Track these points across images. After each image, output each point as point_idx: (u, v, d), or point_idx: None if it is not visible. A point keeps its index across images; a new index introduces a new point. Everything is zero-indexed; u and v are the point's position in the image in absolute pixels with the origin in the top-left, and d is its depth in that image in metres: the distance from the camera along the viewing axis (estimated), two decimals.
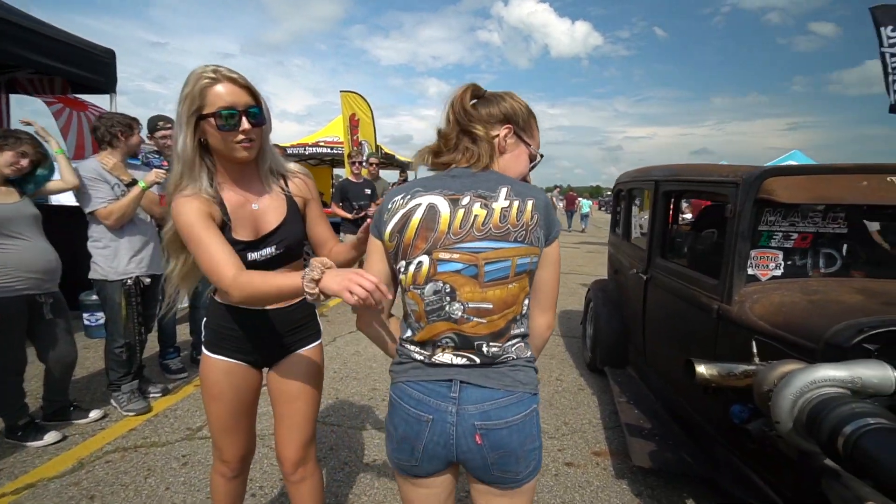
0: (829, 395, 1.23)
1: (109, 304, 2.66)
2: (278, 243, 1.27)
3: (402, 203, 1.02)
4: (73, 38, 3.73)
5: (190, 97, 1.10)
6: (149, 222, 2.81)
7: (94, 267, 2.62)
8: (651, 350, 2.77)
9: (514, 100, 1.09)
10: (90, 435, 2.52)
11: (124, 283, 2.62)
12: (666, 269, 2.51)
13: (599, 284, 3.86)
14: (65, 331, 2.50)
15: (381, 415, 2.90)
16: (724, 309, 1.87)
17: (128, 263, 2.64)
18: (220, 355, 1.32)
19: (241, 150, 1.15)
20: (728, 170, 1.95)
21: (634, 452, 2.24)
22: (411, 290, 1.01)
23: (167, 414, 2.80)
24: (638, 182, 3.23)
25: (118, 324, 2.65)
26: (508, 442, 0.99)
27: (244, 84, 1.14)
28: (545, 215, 1.00)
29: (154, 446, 2.45)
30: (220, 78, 1.10)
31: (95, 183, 2.54)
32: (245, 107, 1.12)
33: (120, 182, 2.61)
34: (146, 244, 2.75)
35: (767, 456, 1.64)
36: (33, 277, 2.30)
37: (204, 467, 2.27)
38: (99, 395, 3.00)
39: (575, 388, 3.44)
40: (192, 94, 1.09)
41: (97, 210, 2.54)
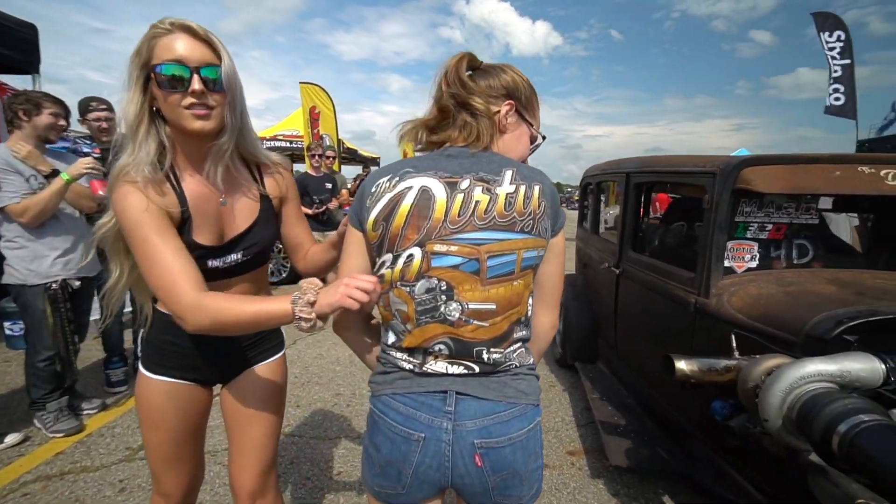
0: (819, 391, 1.18)
1: (31, 312, 2.30)
2: (246, 249, 1.06)
3: (388, 186, 0.86)
4: None
5: (138, 51, 0.89)
6: (77, 217, 2.45)
7: (10, 271, 2.25)
8: (623, 345, 2.74)
9: (516, 73, 0.95)
10: (5, 463, 2.19)
11: (48, 288, 2.28)
12: (639, 263, 2.47)
13: (568, 279, 3.82)
14: None
15: (345, 423, 2.72)
16: (702, 302, 1.83)
17: (51, 265, 2.29)
18: (163, 375, 1.10)
19: (191, 119, 0.89)
20: (703, 160, 1.92)
21: (611, 451, 2.18)
22: (398, 288, 0.86)
23: (103, 433, 2.50)
24: (607, 175, 3.20)
25: (43, 333, 2.30)
26: (512, 462, 0.86)
27: (205, 38, 0.90)
28: (552, 203, 0.88)
29: (85, 472, 2.16)
30: (174, 29, 0.88)
31: (4, 174, 2.15)
32: (199, 63, 0.88)
33: (37, 173, 2.24)
34: (75, 242, 2.40)
35: (750, 452, 1.61)
36: None
37: (145, 492, 2.03)
38: (20, 414, 2.64)
39: (545, 385, 3.38)
40: (141, 50, 0.88)
41: (8, 206, 2.16)
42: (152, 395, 1.10)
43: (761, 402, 1.24)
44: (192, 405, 1.14)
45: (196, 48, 0.89)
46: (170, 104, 0.89)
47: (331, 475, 2.22)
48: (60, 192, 2.24)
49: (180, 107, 0.89)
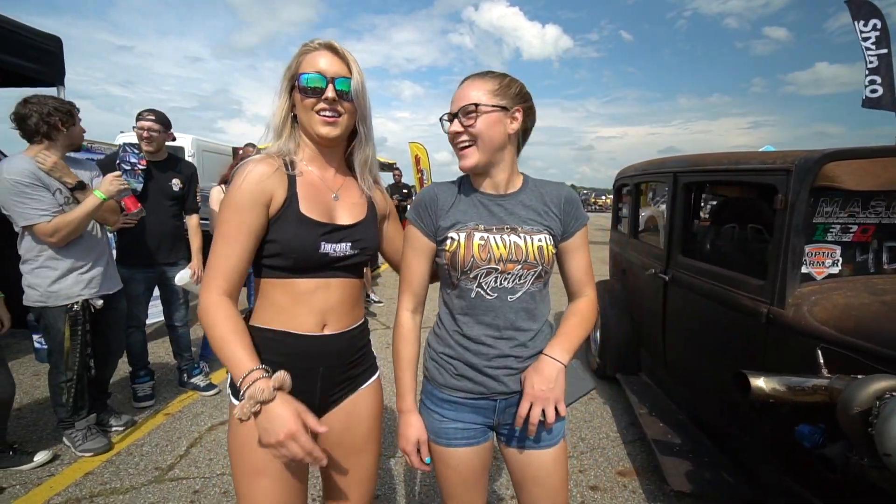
0: None
1: (52, 334, 2.19)
2: (355, 241, 1.05)
3: None
4: (11, 23, 3.27)
5: (288, 68, 1.03)
6: (99, 235, 2.33)
7: (30, 292, 2.13)
8: (673, 357, 2.56)
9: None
10: (35, 484, 2.12)
11: (69, 309, 2.16)
12: (691, 269, 2.30)
13: (605, 286, 3.65)
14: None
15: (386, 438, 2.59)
16: (776, 313, 1.66)
17: (74, 285, 2.17)
18: None
19: (321, 124, 0.99)
20: (773, 156, 1.75)
21: (670, 474, 2.01)
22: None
23: (131, 451, 2.42)
24: (648, 175, 3.03)
25: (61, 355, 2.20)
26: None
27: (343, 56, 1.02)
28: None
29: (115, 493, 2.08)
30: (320, 47, 1.01)
31: (33, 190, 2.01)
32: (335, 75, 0.99)
33: (63, 186, 2.13)
34: (97, 260, 2.28)
35: (846, 485, 1.42)
36: None
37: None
38: (50, 430, 2.59)
39: (585, 398, 3.21)
40: (290, 64, 1.02)
41: (38, 225, 2.02)
42: (251, 431, 0.90)
43: (880, 433, 1.07)
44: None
45: (335, 63, 1.00)
46: (305, 107, 1.00)
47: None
48: (94, 211, 2.12)
49: (313, 111, 0.99)
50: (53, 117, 2.08)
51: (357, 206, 1.09)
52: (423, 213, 1.09)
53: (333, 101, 0.98)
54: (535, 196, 1.10)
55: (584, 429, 2.78)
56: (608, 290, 3.54)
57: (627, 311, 3.25)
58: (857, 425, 1.19)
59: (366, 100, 1.05)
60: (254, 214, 0.95)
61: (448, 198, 1.09)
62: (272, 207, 0.97)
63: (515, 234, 1.05)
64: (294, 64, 1.01)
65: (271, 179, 0.97)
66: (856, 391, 1.20)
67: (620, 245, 3.59)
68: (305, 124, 1.02)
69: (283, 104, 1.03)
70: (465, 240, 1.04)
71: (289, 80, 1.02)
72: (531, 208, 1.08)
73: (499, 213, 1.07)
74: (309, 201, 1.01)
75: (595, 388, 1.10)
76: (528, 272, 1.04)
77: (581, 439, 2.66)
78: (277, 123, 1.04)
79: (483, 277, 1.04)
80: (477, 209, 1.07)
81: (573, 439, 2.65)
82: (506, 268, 1.03)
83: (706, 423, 2.28)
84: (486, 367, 1.05)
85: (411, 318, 1.13)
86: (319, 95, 0.98)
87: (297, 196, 0.99)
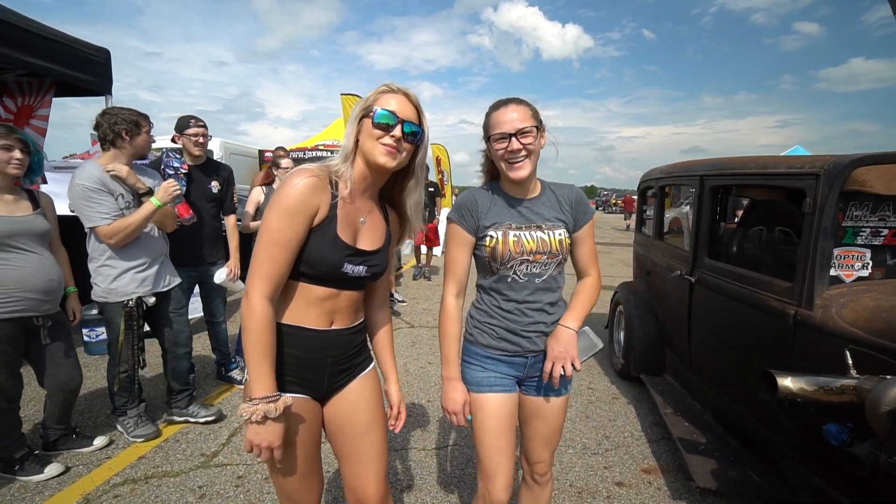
0: None
1: (112, 328, 2.38)
2: (371, 266, 1.20)
3: None
4: (64, 36, 3.49)
5: (365, 100, 1.13)
6: (156, 236, 2.49)
7: (95, 289, 2.33)
8: (699, 358, 2.59)
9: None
10: (95, 465, 2.30)
11: (125, 305, 2.33)
12: (717, 271, 2.33)
13: (629, 287, 3.68)
14: (65, 354, 2.25)
15: (419, 433, 2.69)
16: (804, 314, 1.69)
17: (129, 283, 2.33)
18: (283, 391, 1.12)
19: (382, 153, 1.10)
20: (801, 160, 1.78)
21: (695, 471, 2.05)
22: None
23: (178, 438, 2.58)
24: (673, 178, 3.05)
25: (116, 348, 2.38)
26: None
27: (415, 103, 1.15)
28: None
29: (166, 476, 2.23)
30: (396, 91, 1.14)
31: (99, 195, 2.19)
32: (405, 118, 1.12)
33: (125, 192, 2.29)
34: (152, 261, 2.43)
35: (876, 483, 1.46)
36: (31, 298, 2.06)
37: (223, 500, 2.06)
38: (103, 418, 2.78)
39: (609, 398, 3.25)
40: (368, 98, 1.13)
41: (99, 227, 2.21)
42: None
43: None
44: (311, 416, 1.18)
45: (407, 107, 1.13)
46: (372, 136, 1.10)
47: (401, 488, 2.19)
48: (150, 216, 2.29)
49: (379, 141, 1.10)
50: (119, 126, 2.26)
51: (378, 234, 1.22)
52: (466, 214, 1.34)
53: (399, 140, 1.11)
54: (553, 198, 1.37)
55: (608, 427, 2.82)
56: (632, 291, 3.57)
57: (652, 312, 3.28)
58: (886, 424, 1.22)
59: (426, 149, 1.21)
60: (302, 223, 1.05)
61: (485, 202, 1.35)
62: (315, 220, 1.08)
63: (541, 231, 1.32)
64: (372, 98, 1.13)
65: (320, 195, 1.08)
66: (885, 391, 1.24)
67: (645, 247, 3.61)
68: (367, 151, 1.12)
69: (353, 130, 1.14)
70: (502, 237, 1.30)
71: (362, 111, 1.13)
72: (551, 208, 1.35)
73: (526, 214, 1.33)
74: (344, 224, 1.12)
75: (603, 347, 1.38)
76: (552, 261, 1.33)
77: (606, 437, 2.71)
78: (347, 152, 1.15)
79: (517, 266, 1.31)
80: (509, 211, 1.33)
81: (598, 437, 2.71)
82: (535, 258, 1.31)
83: (732, 423, 2.31)
84: (522, 331, 1.34)
85: (455, 301, 1.36)
86: (388, 130, 1.10)
87: (336, 217, 1.11)
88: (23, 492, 2.09)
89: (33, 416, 2.73)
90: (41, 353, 2.18)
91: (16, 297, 2.02)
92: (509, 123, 1.24)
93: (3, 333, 2.01)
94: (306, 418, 1.15)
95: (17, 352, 2.10)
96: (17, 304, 2.03)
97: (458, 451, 2.50)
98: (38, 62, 3.32)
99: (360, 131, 1.13)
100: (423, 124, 1.16)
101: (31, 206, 2.17)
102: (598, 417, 2.95)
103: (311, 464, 1.19)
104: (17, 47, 3.15)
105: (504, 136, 1.24)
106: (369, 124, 1.10)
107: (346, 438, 1.23)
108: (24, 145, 2.12)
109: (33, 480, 2.14)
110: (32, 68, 3.34)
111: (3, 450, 2.14)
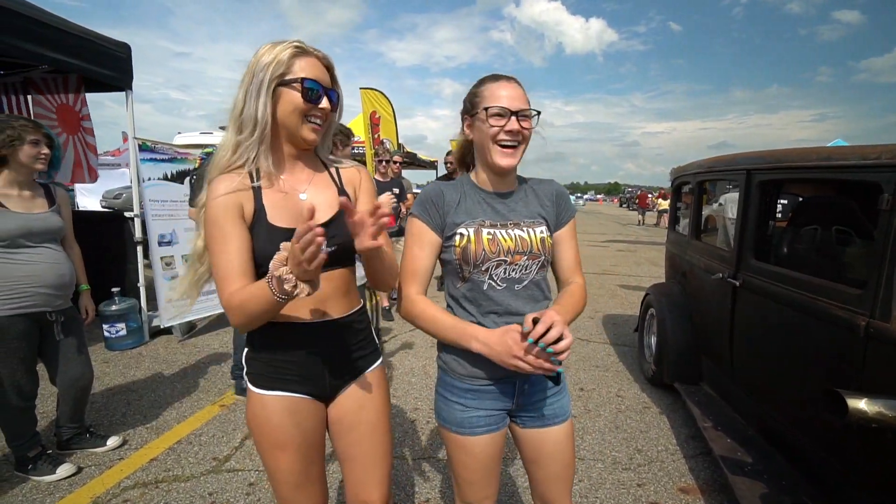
0: None
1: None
2: (330, 238, 1.01)
3: None
4: (86, 31, 3.49)
5: (276, 62, 0.98)
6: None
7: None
8: (743, 368, 2.37)
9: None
10: (107, 466, 2.25)
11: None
12: (767, 274, 2.11)
13: (661, 289, 3.46)
14: (78, 351, 2.22)
15: (428, 441, 2.57)
16: (878, 327, 1.48)
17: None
18: (279, 390, 1.06)
19: (309, 131, 1.03)
20: (874, 151, 1.56)
21: (743, 496, 1.85)
22: None
23: (191, 440, 2.52)
24: (715, 173, 2.83)
25: None
26: None
27: (327, 65, 1.05)
28: None
29: (177, 481, 2.17)
30: (307, 50, 1.02)
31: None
32: (328, 86, 1.04)
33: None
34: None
35: None
36: (43, 293, 2.03)
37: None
38: (118, 416, 2.75)
39: (640, 407, 3.05)
40: (277, 59, 0.99)
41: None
42: (270, 413, 1.05)
43: None
44: (312, 420, 1.10)
45: (324, 73, 1.03)
46: (298, 111, 1.00)
47: (417, 500, 2.07)
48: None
49: (307, 117, 1.01)
50: (336, 138, 2.39)
51: (328, 202, 1.08)
52: (431, 208, 1.13)
53: (326, 113, 1.03)
54: (531, 193, 1.20)
55: (640, 440, 2.63)
56: (665, 293, 3.35)
57: (687, 316, 3.06)
58: None
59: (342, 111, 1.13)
60: (231, 225, 0.98)
61: (454, 196, 1.15)
62: (246, 219, 1.01)
63: (519, 229, 1.13)
64: (283, 63, 0.98)
65: (237, 194, 1.00)
66: None
67: (680, 246, 3.38)
68: (291, 127, 1.02)
69: (269, 105, 0.99)
70: (474, 235, 1.10)
71: (275, 78, 0.98)
72: (529, 204, 1.18)
73: (502, 211, 1.15)
74: (277, 210, 1.03)
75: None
76: (533, 262, 1.13)
77: (638, 451, 2.52)
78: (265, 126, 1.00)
79: (493, 269, 1.11)
80: (482, 207, 1.15)
81: (629, 450, 2.52)
82: (513, 259, 1.11)
83: (782, 441, 2.09)
84: None
85: (419, 295, 1.14)
86: (316, 103, 1.01)
87: (264, 207, 1.02)
88: (34, 492, 2.05)
89: (49, 414, 2.72)
90: (54, 348, 2.15)
91: (29, 292, 1.99)
92: (511, 100, 1.08)
93: (19, 329, 1.98)
94: (305, 420, 1.08)
95: (32, 348, 2.07)
96: (31, 299, 2.00)
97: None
98: (63, 58, 3.33)
99: (278, 103, 1.00)
100: (338, 87, 1.07)
101: (46, 203, 2.14)
102: (628, 428, 2.76)
103: (308, 470, 1.09)
104: (41, 43, 3.15)
105: (504, 112, 1.07)
106: (294, 96, 0.99)
107: (350, 440, 1.14)
108: (50, 140, 2.12)
109: (45, 480, 2.10)
110: (57, 64, 3.35)
111: (18, 448, 2.11)
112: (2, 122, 1.99)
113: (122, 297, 3.85)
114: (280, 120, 1.02)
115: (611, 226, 20.10)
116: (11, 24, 2.93)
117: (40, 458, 2.14)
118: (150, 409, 2.86)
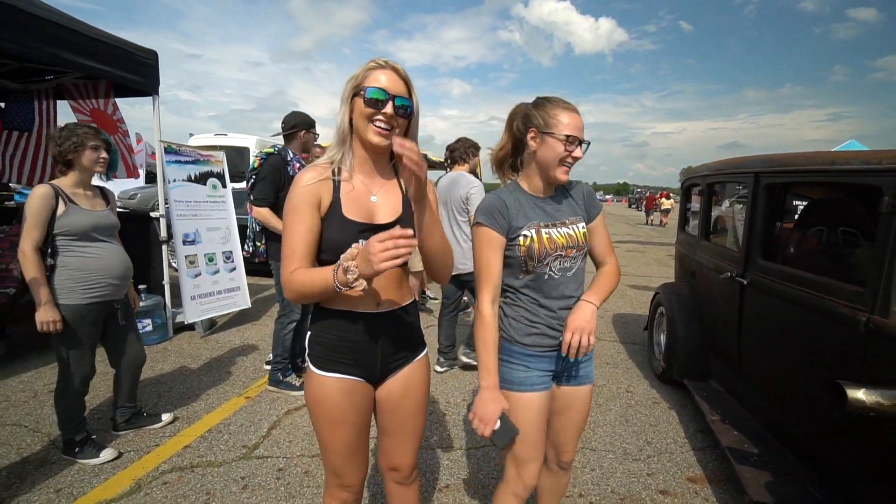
0: None
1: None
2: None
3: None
4: (115, 39, 3.64)
5: (355, 77, 1.13)
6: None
7: None
8: (750, 365, 2.46)
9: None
10: (145, 452, 2.39)
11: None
12: (773, 273, 2.20)
13: (671, 288, 3.54)
14: (135, 333, 2.50)
15: (444, 432, 2.68)
16: (877, 322, 1.57)
17: None
18: (336, 372, 1.19)
19: (374, 134, 1.12)
20: (875, 155, 1.65)
21: (749, 484, 1.94)
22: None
23: (220, 429, 2.66)
24: (724, 175, 2.91)
25: None
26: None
27: (404, 77, 1.15)
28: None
29: (211, 466, 2.30)
30: (384, 66, 1.13)
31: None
32: (396, 93, 1.12)
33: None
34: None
35: None
36: (114, 283, 2.28)
37: (265, 491, 2.11)
38: (150, 406, 2.88)
39: (649, 402, 3.14)
40: (357, 75, 1.13)
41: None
42: (328, 392, 1.18)
43: None
44: (365, 401, 1.23)
45: (397, 83, 1.12)
46: (363, 115, 1.11)
47: (438, 486, 2.19)
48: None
49: (371, 121, 1.11)
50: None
51: (392, 207, 1.21)
52: (498, 216, 1.34)
53: (391, 117, 1.11)
54: (568, 195, 1.43)
55: (650, 433, 2.73)
56: (675, 292, 3.44)
57: (696, 314, 3.14)
58: None
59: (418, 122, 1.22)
60: (307, 212, 1.12)
61: (512, 203, 1.36)
62: (322, 209, 1.14)
63: (566, 227, 1.37)
64: (360, 76, 1.13)
65: (318, 185, 1.13)
66: None
67: (689, 247, 3.46)
68: (360, 130, 1.14)
69: (346, 111, 1.15)
70: (536, 235, 1.33)
71: (353, 89, 1.13)
72: (569, 205, 1.41)
73: (551, 212, 1.38)
74: (351, 204, 1.15)
75: (519, 432, 1.33)
76: (580, 253, 1.39)
77: (648, 443, 2.62)
78: (343, 133, 1.17)
79: (552, 262, 1.35)
80: (535, 210, 1.37)
81: (639, 442, 2.62)
82: (567, 253, 1.36)
83: (787, 435, 2.18)
84: (560, 325, 1.35)
85: (491, 308, 1.34)
86: (380, 108, 1.10)
87: (339, 200, 1.15)
88: (82, 474, 2.20)
89: (90, 402, 2.87)
90: (118, 333, 2.39)
91: (102, 283, 2.22)
92: (581, 132, 1.30)
93: (92, 316, 2.21)
94: (359, 400, 1.21)
95: (99, 334, 2.30)
96: (104, 289, 2.23)
97: (495, 452, 2.47)
98: (95, 65, 3.47)
99: (353, 110, 1.14)
100: (413, 97, 1.16)
101: (104, 202, 2.36)
102: (638, 422, 2.86)
103: (359, 443, 1.24)
104: (74, 51, 3.30)
105: (578, 141, 1.29)
106: (361, 103, 1.11)
107: (393, 420, 1.29)
108: (108, 145, 2.32)
109: (90, 464, 2.25)
110: (89, 71, 3.50)
111: (68, 431, 2.27)
112: (67, 130, 2.17)
113: (147, 294, 4.01)
114: (354, 125, 1.15)
115: (620, 226, 20.08)
116: (44, 31, 3.07)
117: (86, 443, 2.29)
118: (180, 399, 3.01)
